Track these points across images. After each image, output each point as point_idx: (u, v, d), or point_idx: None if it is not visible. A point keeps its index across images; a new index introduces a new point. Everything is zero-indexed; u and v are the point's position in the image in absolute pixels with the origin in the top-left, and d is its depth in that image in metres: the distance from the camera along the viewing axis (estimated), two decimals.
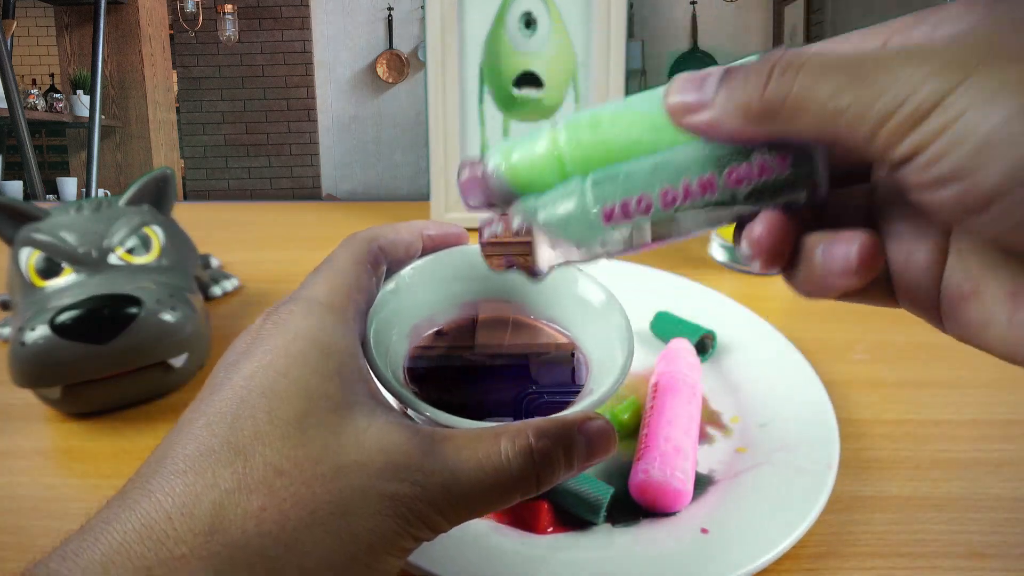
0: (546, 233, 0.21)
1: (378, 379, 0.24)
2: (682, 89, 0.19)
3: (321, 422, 0.20)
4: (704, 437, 0.38)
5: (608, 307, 0.28)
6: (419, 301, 0.29)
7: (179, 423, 0.21)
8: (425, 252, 0.29)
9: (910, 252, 0.19)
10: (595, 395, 0.24)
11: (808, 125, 0.17)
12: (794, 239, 0.20)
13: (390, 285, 0.27)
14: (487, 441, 0.21)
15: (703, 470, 0.36)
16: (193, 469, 0.19)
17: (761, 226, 0.19)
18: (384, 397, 0.23)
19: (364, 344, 0.25)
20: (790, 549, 0.30)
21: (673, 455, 0.33)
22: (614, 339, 0.27)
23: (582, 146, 0.21)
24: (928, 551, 0.31)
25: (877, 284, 0.20)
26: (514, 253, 0.22)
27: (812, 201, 0.19)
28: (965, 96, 0.15)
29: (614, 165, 0.20)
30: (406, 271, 0.28)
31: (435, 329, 0.30)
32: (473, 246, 0.29)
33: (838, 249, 0.18)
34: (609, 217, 0.20)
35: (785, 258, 0.20)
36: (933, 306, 0.20)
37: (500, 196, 0.22)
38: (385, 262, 0.27)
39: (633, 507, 0.33)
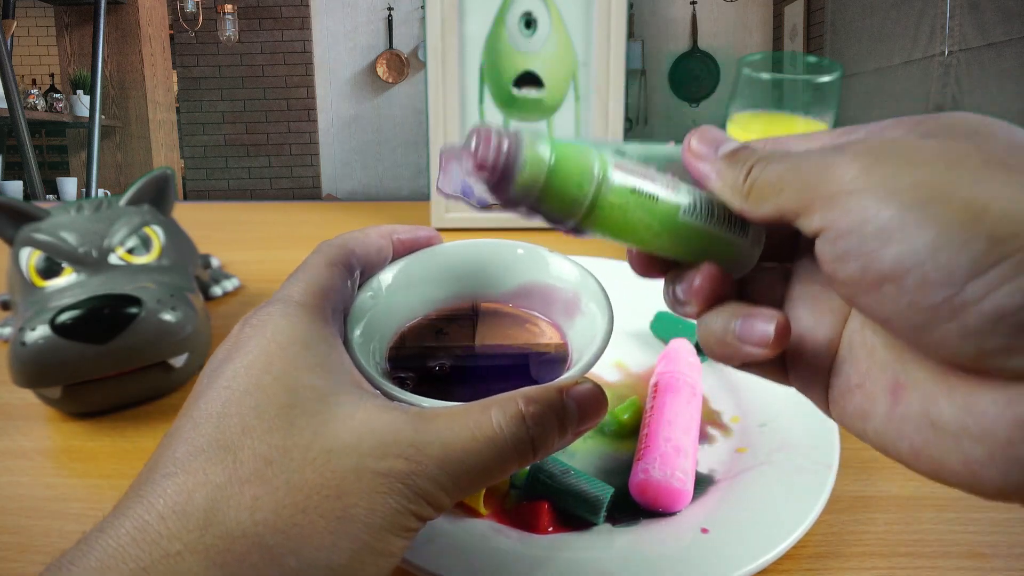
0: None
1: (363, 375, 0.24)
2: (702, 139, 0.22)
3: (308, 411, 0.20)
4: (704, 437, 0.38)
5: (582, 283, 0.28)
6: (397, 305, 0.29)
7: (168, 433, 0.21)
8: (396, 255, 0.29)
9: (808, 339, 0.22)
10: (581, 362, 0.25)
11: (766, 204, 0.20)
12: (722, 297, 0.22)
13: (367, 292, 0.27)
14: (476, 412, 0.21)
15: (703, 470, 0.36)
16: (183, 470, 0.19)
17: (700, 277, 0.22)
18: (369, 386, 0.23)
19: (347, 346, 0.25)
20: (790, 549, 0.30)
21: (673, 455, 0.33)
22: (596, 312, 0.27)
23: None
24: (928, 551, 0.31)
25: (774, 361, 0.23)
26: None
27: (742, 266, 0.23)
28: (871, 188, 0.18)
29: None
30: (382, 276, 0.28)
31: (412, 327, 0.30)
32: (444, 245, 0.30)
33: (757, 323, 0.20)
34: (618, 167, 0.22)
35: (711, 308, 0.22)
36: (822, 392, 0.22)
37: (507, 188, 0.21)
38: (359, 266, 0.27)
39: (633, 507, 0.33)
